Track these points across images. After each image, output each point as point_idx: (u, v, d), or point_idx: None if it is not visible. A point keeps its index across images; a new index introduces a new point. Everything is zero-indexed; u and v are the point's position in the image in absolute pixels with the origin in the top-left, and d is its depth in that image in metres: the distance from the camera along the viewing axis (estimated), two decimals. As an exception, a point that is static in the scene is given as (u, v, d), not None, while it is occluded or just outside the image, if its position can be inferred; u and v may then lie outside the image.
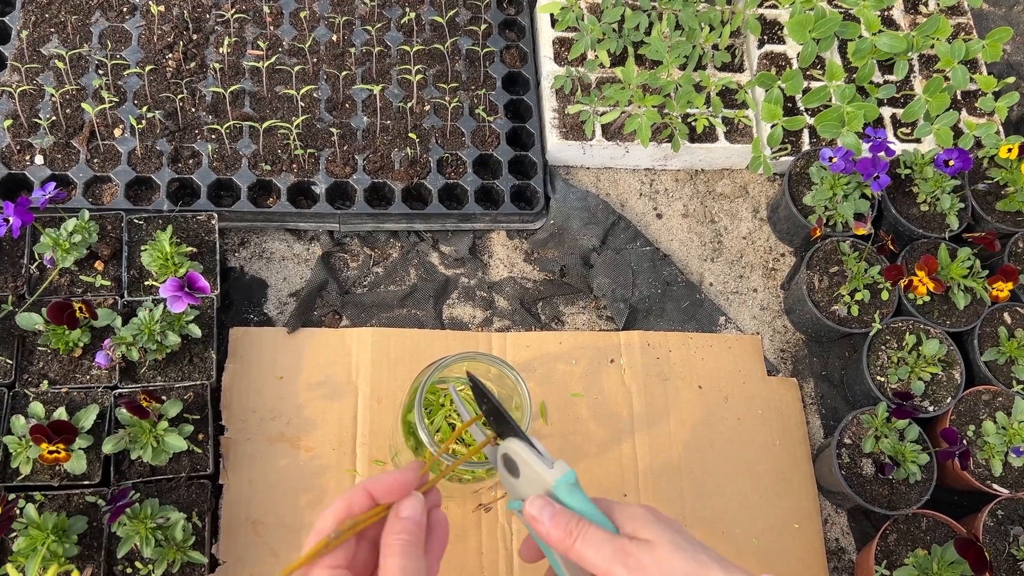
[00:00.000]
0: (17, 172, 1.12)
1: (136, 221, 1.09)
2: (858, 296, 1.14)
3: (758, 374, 1.18)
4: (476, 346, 1.14)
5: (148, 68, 1.18)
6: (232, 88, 1.19)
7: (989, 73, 1.35)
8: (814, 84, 1.28)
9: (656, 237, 1.27)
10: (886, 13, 1.41)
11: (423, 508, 0.63)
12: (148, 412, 0.92)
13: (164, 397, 0.97)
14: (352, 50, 1.27)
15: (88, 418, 0.94)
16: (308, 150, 1.18)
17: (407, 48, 1.28)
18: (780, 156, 1.27)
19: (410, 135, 1.22)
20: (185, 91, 1.20)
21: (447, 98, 1.26)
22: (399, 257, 1.20)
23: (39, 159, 1.13)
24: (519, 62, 1.32)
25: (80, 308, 0.95)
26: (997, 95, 1.28)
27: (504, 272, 1.21)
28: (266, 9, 1.28)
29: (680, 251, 1.27)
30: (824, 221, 1.18)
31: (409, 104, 1.23)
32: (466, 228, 1.21)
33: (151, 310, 0.99)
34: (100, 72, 1.19)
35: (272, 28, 1.27)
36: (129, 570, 0.91)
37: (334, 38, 1.28)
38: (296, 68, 1.23)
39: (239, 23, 1.26)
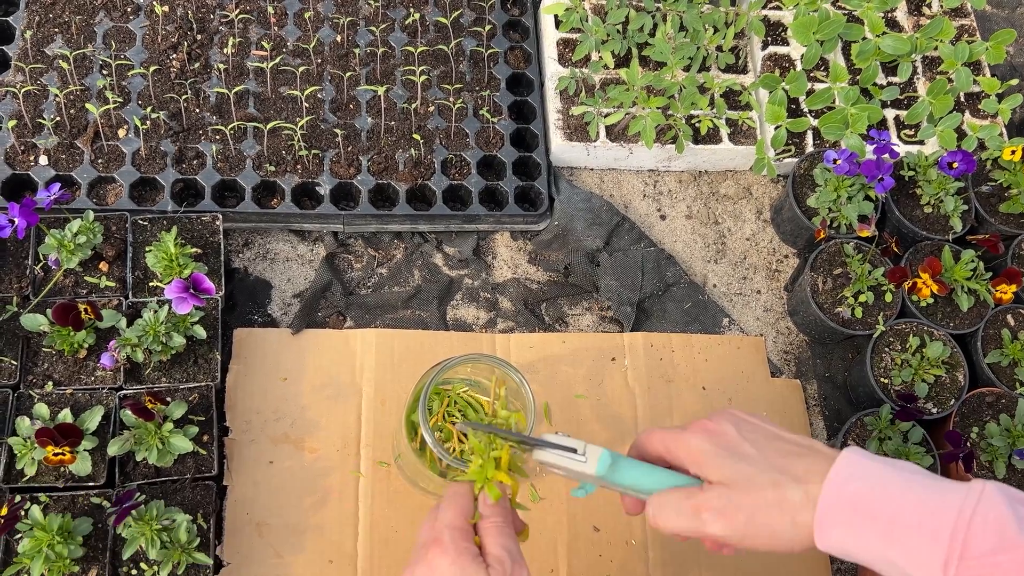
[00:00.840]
0: (21, 172, 1.12)
1: (141, 222, 1.09)
2: (862, 298, 1.14)
3: (762, 376, 1.18)
4: (480, 347, 1.14)
5: (152, 68, 1.18)
6: (236, 89, 1.19)
7: (992, 75, 1.35)
8: (818, 86, 1.28)
9: (660, 238, 1.27)
10: (890, 15, 1.41)
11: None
12: (153, 414, 0.92)
13: (169, 398, 0.97)
14: (356, 51, 1.27)
15: (93, 420, 0.94)
16: (312, 151, 1.18)
17: (411, 49, 1.28)
18: (784, 158, 1.27)
19: (414, 136, 1.22)
20: (189, 91, 1.20)
21: (451, 99, 1.26)
22: (403, 258, 1.20)
23: (43, 160, 1.13)
24: (523, 63, 1.32)
25: (85, 309, 0.95)
26: (1000, 97, 1.28)
27: (508, 273, 1.21)
28: (270, 10, 1.28)
29: (684, 252, 1.27)
30: (828, 223, 1.19)
31: (413, 105, 1.23)
32: (470, 229, 1.21)
33: (156, 311, 0.99)
34: (104, 72, 1.19)
35: (276, 29, 1.27)
36: (134, 571, 0.91)
37: (338, 39, 1.28)
38: (300, 69, 1.22)
39: (243, 24, 1.26)
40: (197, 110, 1.19)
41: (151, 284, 1.05)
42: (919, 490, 0.64)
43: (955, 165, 1.14)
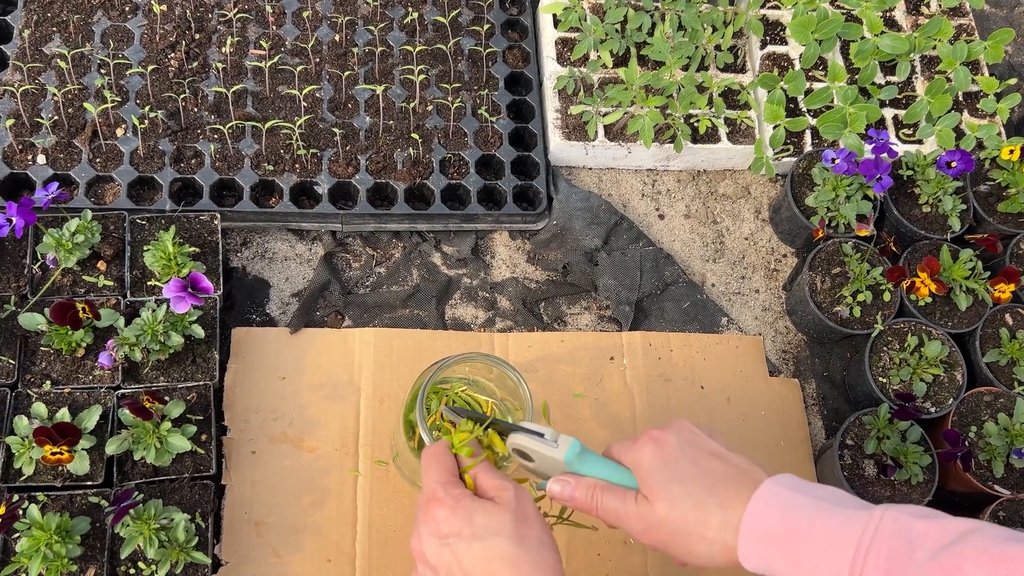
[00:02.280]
0: (19, 172, 1.11)
1: (139, 221, 1.09)
2: (860, 297, 1.14)
3: (760, 375, 1.18)
4: (478, 346, 1.14)
5: (150, 67, 1.18)
6: (235, 88, 1.19)
7: (991, 74, 1.35)
8: (816, 85, 1.28)
9: (658, 238, 1.27)
10: (888, 14, 1.41)
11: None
12: (151, 413, 0.92)
13: (167, 398, 0.97)
14: (355, 50, 1.27)
15: (91, 419, 0.94)
16: (311, 150, 1.18)
17: (410, 48, 1.28)
18: (782, 157, 1.27)
19: (413, 135, 1.22)
20: (187, 91, 1.19)
21: (450, 98, 1.26)
22: (401, 257, 1.20)
23: (41, 159, 1.13)
24: (522, 62, 1.32)
25: (83, 308, 0.95)
26: (999, 96, 1.28)
27: (506, 272, 1.21)
28: (268, 9, 1.28)
29: (682, 252, 1.27)
30: (826, 222, 1.19)
31: (412, 104, 1.23)
32: (468, 228, 1.21)
33: (154, 310, 0.99)
34: (102, 71, 1.19)
35: (275, 28, 1.27)
36: (132, 571, 0.91)
37: (337, 38, 1.28)
38: (299, 68, 1.22)
39: (241, 23, 1.26)
40: (195, 109, 1.19)
41: (149, 283, 1.05)
42: (825, 521, 0.68)
43: (953, 164, 1.14)
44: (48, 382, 0.98)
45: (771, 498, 0.71)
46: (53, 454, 0.87)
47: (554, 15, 1.32)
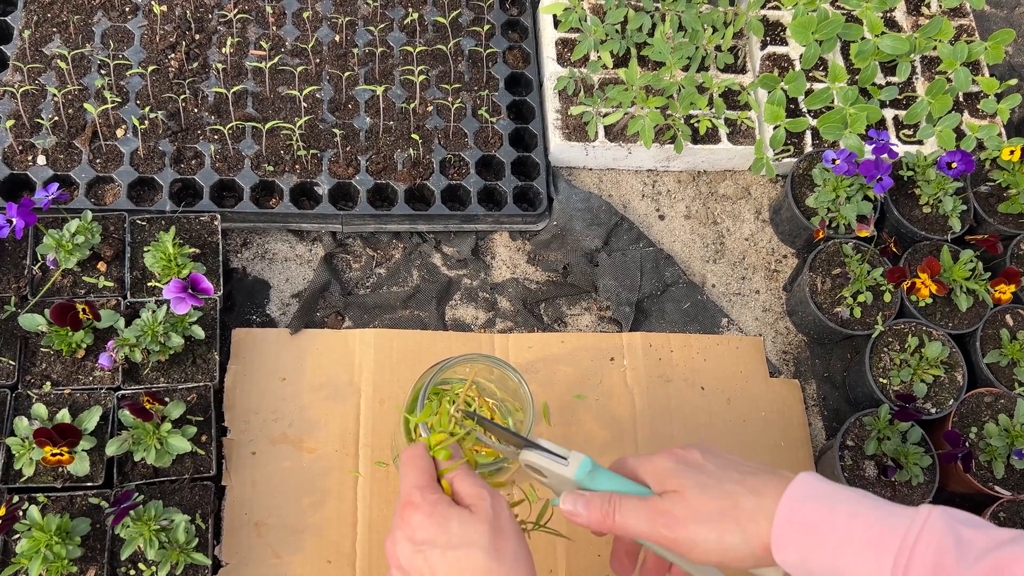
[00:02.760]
0: (19, 172, 1.11)
1: (139, 222, 1.09)
2: (860, 298, 1.14)
3: (760, 376, 1.18)
4: (478, 347, 1.14)
5: (151, 68, 1.18)
6: (235, 88, 1.19)
7: (991, 75, 1.35)
8: (817, 86, 1.28)
9: (658, 238, 1.27)
10: (888, 15, 1.41)
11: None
12: (151, 414, 0.92)
13: (167, 399, 0.97)
14: (355, 51, 1.27)
15: (91, 420, 0.94)
16: (311, 151, 1.18)
17: (410, 49, 1.28)
18: (783, 158, 1.27)
19: (413, 136, 1.22)
20: (188, 91, 1.19)
21: (450, 99, 1.26)
22: (402, 258, 1.20)
23: (41, 159, 1.13)
24: (522, 63, 1.32)
25: (83, 309, 0.95)
26: (999, 97, 1.28)
27: (507, 273, 1.21)
28: (269, 9, 1.28)
29: (682, 252, 1.27)
30: (827, 223, 1.19)
31: (412, 105, 1.23)
32: (469, 229, 1.21)
33: (154, 311, 0.99)
34: (102, 72, 1.19)
35: (275, 28, 1.27)
36: (132, 572, 0.91)
37: (337, 39, 1.28)
38: (299, 69, 1.22)
39: (242, 23, 1.26)
40: (195, 110, 1.19)
41: (149, 284, 1.05)
42: (867, 514, 0.66)
43: (954, 165, 1.14)
44: (48, 383, 0.98)
45: (809, 488, 0.69)
46: (53, 455, 0.87)
47: (554, 16, 1.32)
